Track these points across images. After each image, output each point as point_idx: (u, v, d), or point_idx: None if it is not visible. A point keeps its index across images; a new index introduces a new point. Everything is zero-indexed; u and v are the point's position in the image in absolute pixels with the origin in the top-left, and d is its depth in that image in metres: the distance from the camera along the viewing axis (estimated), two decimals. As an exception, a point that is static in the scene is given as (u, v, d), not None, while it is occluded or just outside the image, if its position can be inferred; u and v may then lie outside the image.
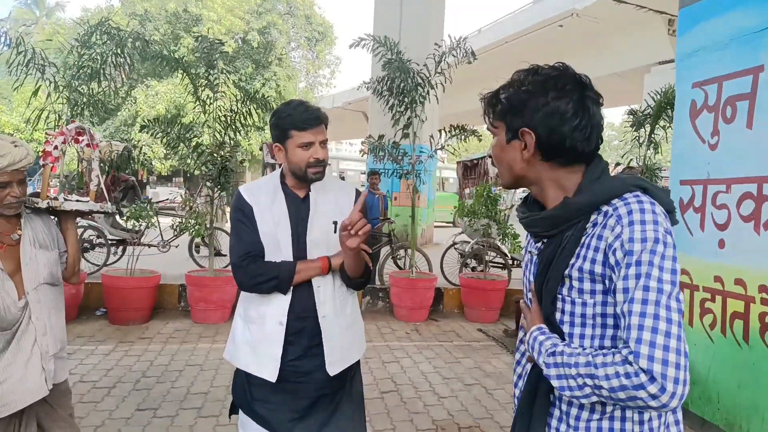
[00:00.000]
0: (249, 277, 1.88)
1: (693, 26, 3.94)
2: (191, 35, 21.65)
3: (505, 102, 1.20)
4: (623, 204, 1.08)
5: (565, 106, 1.12)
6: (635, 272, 1.01)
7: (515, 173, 1.23)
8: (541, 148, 1.16)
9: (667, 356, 0.94)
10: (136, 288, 5.85)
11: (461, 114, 23.44)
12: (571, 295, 1.14)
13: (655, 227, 1.03)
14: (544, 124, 1.14)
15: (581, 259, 1.11)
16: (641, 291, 0.99)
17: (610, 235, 1.06)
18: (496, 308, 6.74)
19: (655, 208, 1.06)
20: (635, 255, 1.01)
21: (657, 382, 0.93)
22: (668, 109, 6.33)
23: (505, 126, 1.21)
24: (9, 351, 1.91)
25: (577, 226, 1.14)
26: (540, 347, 1.14)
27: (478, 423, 3.74)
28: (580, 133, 1.13)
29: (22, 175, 1.94)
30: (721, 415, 3.51)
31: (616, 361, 0.98)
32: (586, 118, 1.13)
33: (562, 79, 1.14)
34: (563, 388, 1.07)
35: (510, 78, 1.22)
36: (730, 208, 3.50)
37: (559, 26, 15.95)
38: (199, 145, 6.21)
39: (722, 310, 3.54)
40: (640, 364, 0.95)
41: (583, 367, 1.03)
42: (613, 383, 0.97)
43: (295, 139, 1.87)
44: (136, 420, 3.54)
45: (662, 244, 1.01)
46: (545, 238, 1.23)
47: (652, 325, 0.96)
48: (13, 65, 5.45)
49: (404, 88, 6.45)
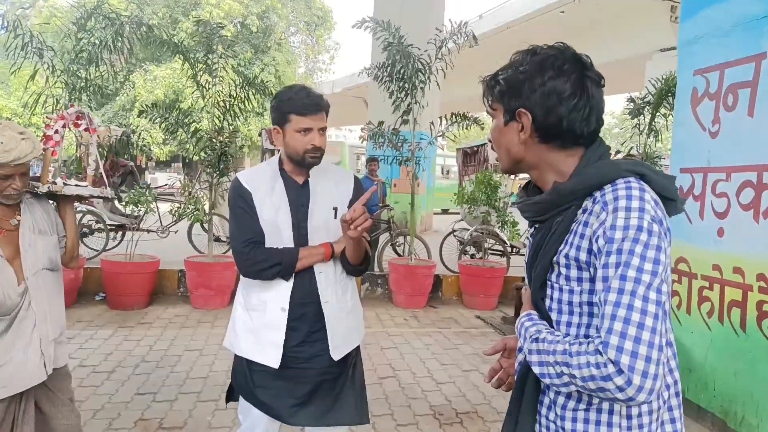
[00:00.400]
0: (252, 263, 1.88)
1: (695, 13, 3.91)
2: (190, 19, 21.53)
3: (503, 83, 1.18)
4: (612, 190, 1.04)
5: (563, 85, 1.10)
6: (615, 261, 0.98)
7: (513, 156, 1.20)
8: (538, 130, 1.14)
9: (637, 348, 0.91)
10: (135, 273, 5.86)
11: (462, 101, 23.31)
12: (559, 282, 1.12)
13: (640, 214, 0.99)
14: (540, 105, 1.11)
15: (569, 246, 1.09)
16: (618, 280, 0.96)
17: (596, 222, 1.03)
18: (495, 295, 6.76)
19: (644, 195, 1.02)
20: (616, 243, 0.98)
21: (624, 374, 0.91)
22: (669, 96, 6.30)
23: (503, 108, 1.19)
24: (9, 335, 1.92)
25: (568, 212, 1.11)
26: (525, 333, 1.14)
27: (475, 408, 3.77)
28: (578, 113, 1.10)
29: (25, 168, 1.94)
30: (717, 402, 3.54)
31: (588, 351, 0.96)
32: (584, 99, 1.10)
33: (560, 59, 1.12)
34: (543, 375, 1.06)
35: (511, 58, 1.21)
36: (730, 196, 3.50)
37: (561, 12, 15.81)
38: (198, 131, 6.18)
39: (720, 299, 3.56)
40: (609, 354, 0.93)
41: (560, 354, 1.01)
42: (584, 372, 0.96)
43: (294, 123, 1.87)
44: (136, 404, 3.56)
45: (646, 233, 0.97)
46: (537, 223, 1.22)
47: (624, 315, 0.94)
48: (10, 49, 5.40)
49: (404, 73, 6.41)
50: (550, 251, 1.12)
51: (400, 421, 3.53)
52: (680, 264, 3.90)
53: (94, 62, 5.82)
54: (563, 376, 1.01)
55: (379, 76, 6.62)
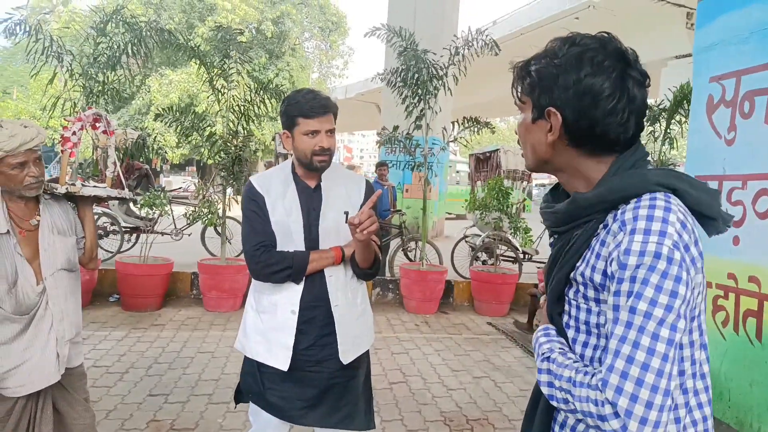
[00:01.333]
0: (263, 266, 1.90)
1: (712, 19, 3.88)
2: (206, 25, 21.77)
3: (535, 75, 1.05)
4: (633, 208, 0.92)
5: (601, 84, 0.97)
6: (627, 289, 0.88)
7: (539, 157, 1.09)
8: (568, 132, 1.01)
9: (638, 391, 0.83)
10: (149, 275, 5.91)
11: (475, 106, 23.28)
12: (577, 299, 1.03)
13: (660, 239, 0.87)
14: (573, 105, 0.99)
15: (584, 264, 0.99)
16: (627, 312, 0.87)
17: (612, 243, 0.93)
18: (507, 302, 6.73)
19: (668, 216, 0.89)
20: (629, 270, 0.88)
21: (620, 419, 0.83)
22: (685, 103, 6.25)
23: (532, 102, 1.06)
24: (27, 335, 1.95)
25: (588, 225, 1.00)
26: (539, 349, 1.07)
27: (486, 416, 3.75)
28: (616, 117, 0.98)
29: (37, 154, 1.95)
30: (732, 413, 3.49)
31: (591, 384, 0.89)
32: (624, 101, 0.97)
33: (601, 53, 0.98)
34: (551, 396, 0.99)
35: (545, 46, 1.07)
36: (746, 204, 3.46)
37: (575, 18, 15.75)
38: (213, 135, 6.24)
39: (735, 308, 3.51)
40: (607, 394, 0.85)
41: (565, 381, 0.94)
42: (583, 407, 0.89)
43: (302, 126, 1.88)
44: (148, 405, 3.59)
45: (664, 260, 0.86)
46: (556, 233, 1.12)
47: (628, 353, 0.85)
48: (31, 53, 5.50)
49: (418, 78, 6.43)
50: (566, 266, 1.04)
51: (410, 426, 3.52)
52: (695, 272, 3.86)
53: (111, 66, 5.90)
54: (569, 403, 0.94)
55: (392, 82, 6.64)
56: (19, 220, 1.98)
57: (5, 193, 1.98)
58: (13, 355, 1.91)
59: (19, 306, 1.92)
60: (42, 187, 2.01)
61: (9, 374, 1.91)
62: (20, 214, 1.99)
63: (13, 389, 1.91)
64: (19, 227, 1.97)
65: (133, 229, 8.01)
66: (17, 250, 1.93)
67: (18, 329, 1.93)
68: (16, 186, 1.93)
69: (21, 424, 1.96)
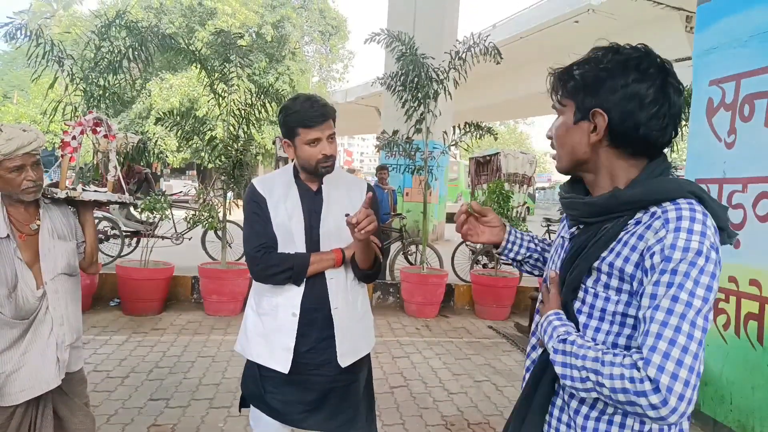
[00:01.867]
0: (264, 268, 1.90)
1: (711, 23, 3.89)
2: (206, 29, 21.82)
3: (579, 79, 1.11)
4: (674, 208, 1.01)
5: (646, 90, 1.05)
6: (668, 280, 0.96)
7: (578, 157, 1.15)
8: (611, 133, 1.09)
9: (678, 371, 0.91)
10: (149, 279, 5.91)
11: (475, 109, 23.33)
12: (596, 288, 1.10)
13: (702, 239, 0.97)
14: (619, 107, 1.06)
15: (614, 255, 1.06)
16: (669, 300, 0.95)
17: (652, 238, 1.01)
18: (507, 305, 6.73)
19: (706, 220, 1.00)
20: (672, 263, 0.97)
21: (660, 394, 0.91)
22: (685, 107, 6.26)
23: (575, 105, 1.12)
24: (26, 340, 1.94)
25: (619, 220, 1.08)
26: (553, 331, 1.12)
27: (487, 419, 3.74)
28: (658, 122, 1.06)
29: (35, 158, 1.95)
30: (734, 416, 3.49)
31: (624, 363, 0.95)
32: (665, 107, 1.06)
33: (645, 61, 1.07)
34: (565, 376, 1.05)
35: (586, 54, 1.14)
36: (746, 207, 3.46)
37: (574, 22, 15.79)
38: (213, 139, 6.25)
39: (736, 311, 3.51)
40: (649, 372, 0.92)
41: (590, 361, 1.00)
42: (615, 384, 0.95)
43: (303, 136, 1.89)
44: (149, 409, 3.58)
45: (704, 258, 0.96)
46: (581, 224, 1.19)
47: (671, 336, 0.93)
48: (31, 57, 5.51)
49: (418, 82, 6.44)
50: (591, 256, 1.10)
51: (411, 430, 3.51)
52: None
53: (112, 70, 5.92)
54: (587, 382, 1.00)
55: (392, 86, 6.65)
56: (19, 224, 1.98)
57: (5, 197, 1.97)
58: (12, 360, 1.90)
59: (19, 311, 1.92)
60: (40, 192, 2.00)
61: (9, 379, 1.90)
62: (20, 219, 1.98)
63: (13, 395, 1.90)
64: (19, 231, 1.97)
65: (134, 234, 8.01)
66: (17, 254, 1.93)
67: (17, 334, 1.92)
68: (14, 190, 1.92)
69: (21, 430, 1.95)
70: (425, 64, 6.44)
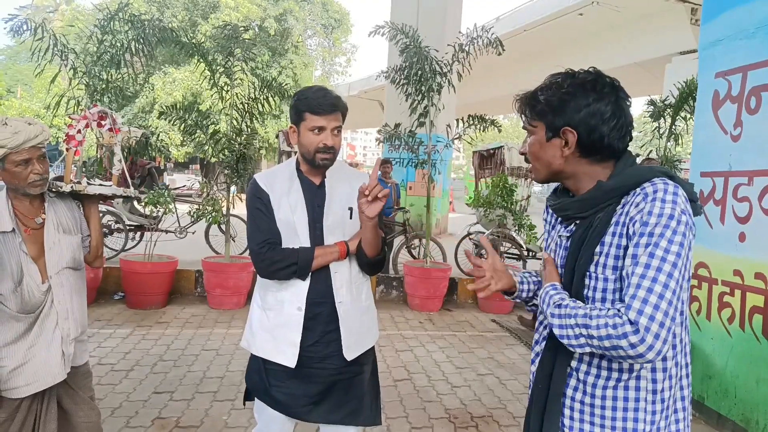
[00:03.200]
0: (268, 263, 1.90)
1: (717, 15, 3.86)
2: (209, 22, 21.77)
3: (545, 102, 1.28)
4: (651, 185, 1.18)
5: (605, 107, 1.22)
6: (646, 241, 1.13)
7: (554, 169, 1.32)
8: (580, 146, 1.26)
9: (655, 314, 1.07)
10: (153, 273, 5.93)
11: (478, 103, 23.22)
12: (596, 272, 1.24)
13: (674, 206, 1.14)
14: (585, 124, 1.23)
15: (610, 236, 1.22)
16: (647, 256, 1.12)
17: (634, 210, 1.17)
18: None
19: (677, 191, 1.17)
20: (649, 226, 1.13)
21: (639, 333, 1.06)
22: (690, 100, 6.22)
23: (545, 125, 1.29)
24: (32, 333, 1.95)
25: (608, 208, 1.23)
26: (549, 300, 1.28)
27: (491, 412, 3.75)
28: (617, 132, 1.24)
29: (41, 151, 1.95)
30: (738, 410, 3.48)
31: (608, 315, 1.12)
32: (622, 119, 1.24)
33: (599, 83, 1.24)
34: (562, 336, 1.21)
35: (546, 81, 1.31)
36: (752, 200, 3.44)
37: (579, 14, 15.69)
38: (217, 132, 6.24)
39: (741, 305, 3.50)
40: (629, 315, 1.08)
41: (581, 318, 1.16)
42: (601, 332, 1.11)
43: (308, 122, 1.89)
44: (153, 402, 3.60)
45: (676, 221, 1.12)
46: (577, 220, 1.33)
47: (648, 285, 1.09)
48: (35, 52, 5.51)
49: (421, 75, 6.41)
50: (592, 244, 1.24)
51: (414, 423, 3.52)
52: (700, 269, 3.84)
53: (116, 64, 5.91)
54: (580, 338, 1.17)
55: (395, 79, 6.62)
56: (24, 218, 1.98)
57: (10, 191, 1.97)
58: (18, 354, 1.91)
59: (25, 305, 1.92)
60: (46, 185, 2.00)
61: (14, 373, 1.91)
62: (25, 213, 1.99)
63: (19, 388, 1.91)
64: (25, 225, 1.97)
65: (138, 227, 8.02)
66: (22, 248, 1.93)
67: (23, 328, 1.93)
68: (21, 184, 1.93)
69: (27, 423, 1.96)
70: (429, 57, 6.41)
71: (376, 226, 1.89)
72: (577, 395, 1.27)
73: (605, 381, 1.23)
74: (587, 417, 1.26)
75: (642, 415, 1.22)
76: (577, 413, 1.28)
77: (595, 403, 1.24)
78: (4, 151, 1.86)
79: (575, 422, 1.28)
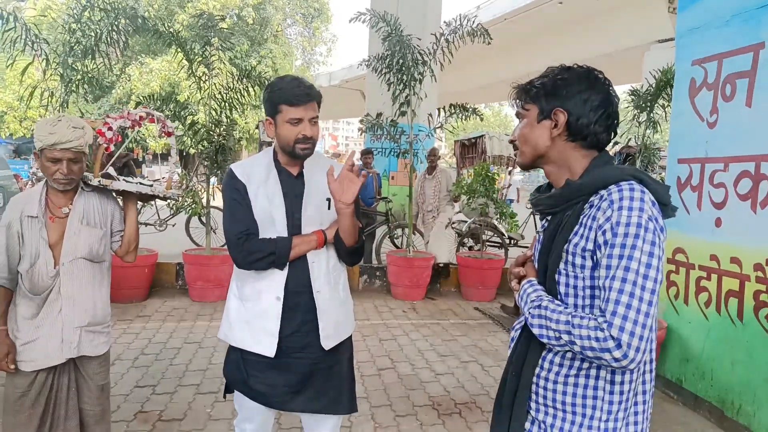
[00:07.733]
0: (246, 254, 1.89)
1: (694, 3, 3.90)
2: (186, 11, 21.40)
3: (541, 87, 1.35)
4: (617, 190, 1.21)
5: (595, 96, 1.30)
6: (619, 252, 1.16)
7: (539, 151, 1.37)
8: (569, 128, 1.31)
9: (635, 329, 1.12)
10: (133, 266, 5.81)
11: (460, 92, 23.25)
12: (566, 269, 1.28)
13: (640, 214, 1.17)
14: (576, 108, 1.30)
15: (577, 236, 1.25)
16: (622, 270, 1.15)
17: (602, 217, 1.20)
18: (493, 287, 6.78)
19: (643, 197, 1.19)
20: (619, 237, 1.16)
21: (622, 349, 1.11)
22: (668, 88, 6.28)
23: (538, 107, 1.35)
24: (40, 315, 2.09)
25: (576, 206, 1.28)
26: (527, 297, 1.34)
27: (474, 399, 3.79)
28: (604, 121, 1.31)
29: (73, 154, 2.06)
30: (714, 391, 3.56)
31: (590, 326, 1.15)
32: (609, 110, 1.31)
33: (592, 76, 1.33)
34: (542, 336, 1.26)
35: (544, 72, 1.39)
36: (728, 186, 3.50)
37: (558, 3, 15.75)
38: (195, 123, 6.16)
39: (717, 289, 3.57)
40: (612, 332, 1.12)
41: (563, 324, 1.20)
42: (584, 343, 1.16)
43: (285, 114, 1.87)
44: (135, 396, 3.57)
45: (644, 229, 1.16)
46: (549, 215, 1.40)
47: (627, 301, 1.13)
48: (5, 42, 5.36)
49: (403, 64, 6.38)
50: (561, 241, 1.29)
51: (398, 411, 3.54)
52: (678, 254, 3.91)
53: (90, 55, 5.78)
54: (561, 339, 1.21)
55: (377, 68, 6.59)
56: (53, 207, 2.13)
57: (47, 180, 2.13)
58: (29, 331, 2.08)
59: (33, 286, 2.06)
60: (71, 185, 2.13)
61: (25, 347, 2.07)
62: (56, 201, 2.13)
63: (26, 362, 2.08)
64: (51, 213, 2.11)
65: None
66: (42, 234, 2.07)
67: (34, 307, 2.09)
68: (48, 177, 2.08)
69: (40, 398, 2.10)
70: (411, 46, 6.38)
71: (353, 214, 1.89)
72: (540, 382, 1.33)
73: (568, 369, 1.29)
74: (550, 402, 1.32)
75: (599, 403, 1.27)
76: (541, 398, 1.33)
77: (557, 389, 1.30)
78: (41, 145, 2.02)
79: (540, 406, 1.34)
